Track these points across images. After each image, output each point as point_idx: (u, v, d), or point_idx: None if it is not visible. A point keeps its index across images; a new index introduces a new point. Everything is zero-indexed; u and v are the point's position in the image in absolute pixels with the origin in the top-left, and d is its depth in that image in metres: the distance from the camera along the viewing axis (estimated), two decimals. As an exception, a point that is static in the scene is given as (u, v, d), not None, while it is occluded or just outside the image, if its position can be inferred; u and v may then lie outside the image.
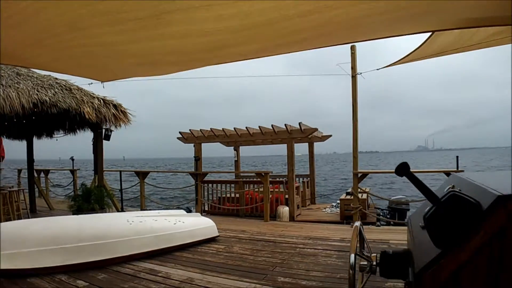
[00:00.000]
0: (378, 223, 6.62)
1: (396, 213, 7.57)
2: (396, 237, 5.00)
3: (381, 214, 8.00)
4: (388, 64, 4.87)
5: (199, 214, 6.11)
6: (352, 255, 1.33)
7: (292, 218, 7.33)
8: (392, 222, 7.04)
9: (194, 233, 5.00)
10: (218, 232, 5.39)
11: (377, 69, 5.64)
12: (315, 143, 10.30)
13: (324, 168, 54.18)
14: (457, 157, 5.57)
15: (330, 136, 10.17)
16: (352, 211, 6.14)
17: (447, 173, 5.66)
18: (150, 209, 8.20)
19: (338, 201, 8.53)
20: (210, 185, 8.59)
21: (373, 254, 1.43)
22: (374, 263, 1.37)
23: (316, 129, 7.99)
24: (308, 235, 5.47)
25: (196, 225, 5.16)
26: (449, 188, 1.37)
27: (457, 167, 5.56)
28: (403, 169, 1.10)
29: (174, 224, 4.89)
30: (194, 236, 4.97)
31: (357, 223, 1.53)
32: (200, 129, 8.70)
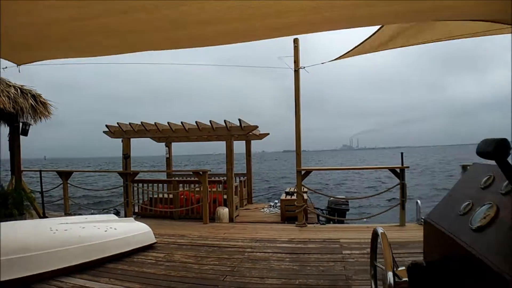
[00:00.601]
0: (322, 221, 6.62)
1: (335, 213, 7.70)
2: (345, 235, 4.99)
3: (321, 213, 8.09)
4: (335, 57, 4.81)
5: (132, 218, 5.46)
6: (390, 274, 1.03)
7: (231, 219, 7.00)
8: (332, 221, 7.13)
9: (128, 240, 4.41)
10: (155, 237, 4.84)
11: (322, 63, 5.58)
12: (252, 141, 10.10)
13: (258, 166, 54.87)
14: (402, 153, 5.70)
15: (268, 134, 10.08)
16: (296, 211, 6.01)
17: (392, 170, 5.79)
18: (75, 214, 7.22)
19: (277, 201, 8.44)
20: (141, 185, 7.84)
21: (400, 268, 1.16)
22: (405, 279, 1.11)
23: (256, 127, 7.78)
24: (253, 237, 5.20)
25: (130, 231, 4.57)
26: (489, 178, 1.17)
27: (402, 163, 5.69)
28: (503, 149, 0.75)
29: (105, 231, 4.26)
30: (129, 244, 4.39)
31: (381, 229, 1.26)
32: (129, 123, 7.89)
